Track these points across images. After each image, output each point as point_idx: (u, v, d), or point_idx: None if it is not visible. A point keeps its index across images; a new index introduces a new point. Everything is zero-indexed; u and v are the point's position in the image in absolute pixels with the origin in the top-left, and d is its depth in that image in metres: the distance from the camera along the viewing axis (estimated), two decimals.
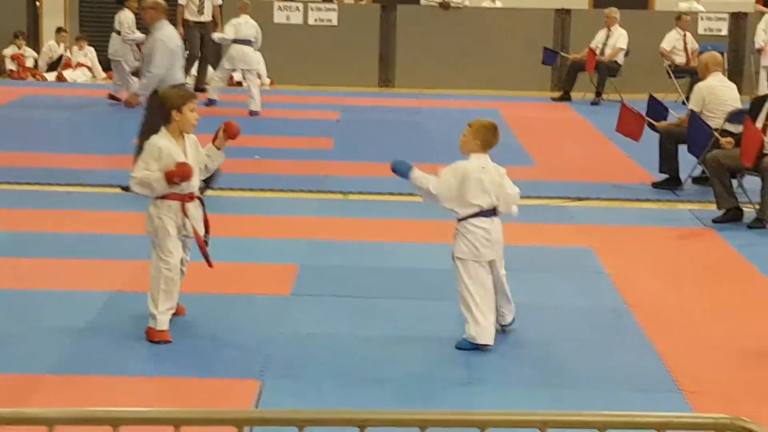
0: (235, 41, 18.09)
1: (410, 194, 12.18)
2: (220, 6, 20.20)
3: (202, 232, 7.47)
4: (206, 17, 19.92)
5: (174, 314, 7.50)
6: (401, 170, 7.38)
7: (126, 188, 11.60)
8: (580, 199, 12.34)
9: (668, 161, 12.86)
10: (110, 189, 12.26)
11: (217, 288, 8.50)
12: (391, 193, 12.20)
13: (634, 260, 9.78)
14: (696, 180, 13.03)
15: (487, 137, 7.40)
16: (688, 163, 12.79)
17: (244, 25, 18.16)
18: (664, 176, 12.98)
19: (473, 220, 7.30)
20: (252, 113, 17.56)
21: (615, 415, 2.98)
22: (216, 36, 18.81)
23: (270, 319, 7.94)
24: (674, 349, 7.49)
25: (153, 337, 7.32)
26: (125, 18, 19.30)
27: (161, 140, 7.33)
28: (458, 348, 7.32)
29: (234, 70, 19.24)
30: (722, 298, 8.79)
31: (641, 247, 10.30)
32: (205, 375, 6.88)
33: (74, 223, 10.61)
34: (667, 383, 6.87)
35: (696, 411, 6.35)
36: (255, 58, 18.35)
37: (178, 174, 7.19)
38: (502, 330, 7.58)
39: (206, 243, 7.48)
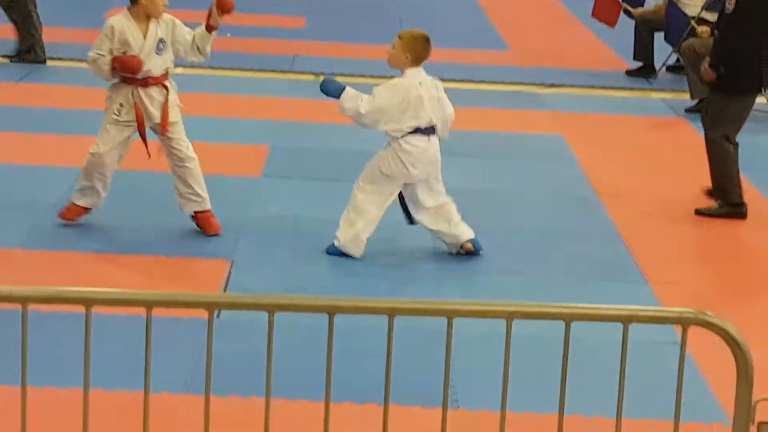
0: None
1: (382, 76, 12.15)
2: None
3: (157, 119, 7.21)
4: None
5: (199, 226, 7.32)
6: (331, 90, 6.87)
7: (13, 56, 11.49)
8: (553, 85, 12.32)
9: (643, 49, 12.82)
10: (82, 63, 12.10)
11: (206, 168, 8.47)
12: (363, 75, 12.14)
13: (605, 148, 9.82)
14: (670, 68, 13.02)
15: (418, 50, 6.87)
16: (663, 52, 12.76)
17: None
18: (638, 64, 12.96)
19: (410, 138, 6.87)
20: None
21: (581, 307, 3.03)
22: None
23: (240, 200, 7.95)
24: (642, 240, 7.56)
25: (64, 213, 7.26)
26: None
27: (118, 21, 7.09)
28: (328, 252, 7.00)
29: None
30: (693, 188, 8.83)
31: (613, 135, 10.33)
32: (175, 254, 6.91)
33: (44, 98, 10.53)
34: (634, 274, 6.95)
35: (662, 302, 6.43)
36: None
37: (120, 64, 7.00)
38: (460, 251, 7.10)
39: (163, 131, 7.21)
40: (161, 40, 7.12)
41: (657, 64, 12.81)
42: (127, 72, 7.03)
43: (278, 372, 3.25)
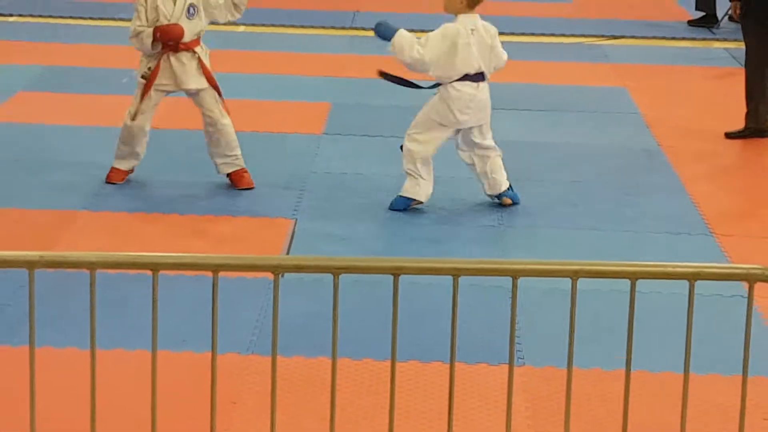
0: None
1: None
2: None
3: (192, 85, 7.19)
4: None
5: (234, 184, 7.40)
6: (385, 33, 6.83)
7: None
8: (615, 37, 12.19)
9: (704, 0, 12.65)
10: (121, 23, 12.15)
11: (249, 126, 8.50)
12: (423, 30, 12.06)
13: (669, 100, 9.72)
14: (733, 18, 12.81)
15: None
16: (725, 0, 12.58)
17: None
18: (700, 14, 12.78)
19: (458, 85, 6.85)
20: None
21: (646, 265, 3.00)
22: None
23: (302, 158, 7.97)
24: (707, 192, 7.48)
25: (108, 177, 7.35)
26: None
27: None
28: (392, 209, 7.02)
29: None
30: (760, 142, 8.71)
31: (676, 86, 10.22)
32: (239, 213, 6.94)
33: (105, 59, 10.58)
34: (699, 226, 6.88)
35: (730, 255, 6.37)
36: None
37: (162, 33, 7.01)
38: (499, 201, 7.16)
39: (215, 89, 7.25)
40: (192, 5, 7.11)
41: (719, 14, 12.62)
42: (169, 40, 7.05)
43: (344, 332, 3.26)
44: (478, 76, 6.91)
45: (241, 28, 12.13)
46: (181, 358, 4.98)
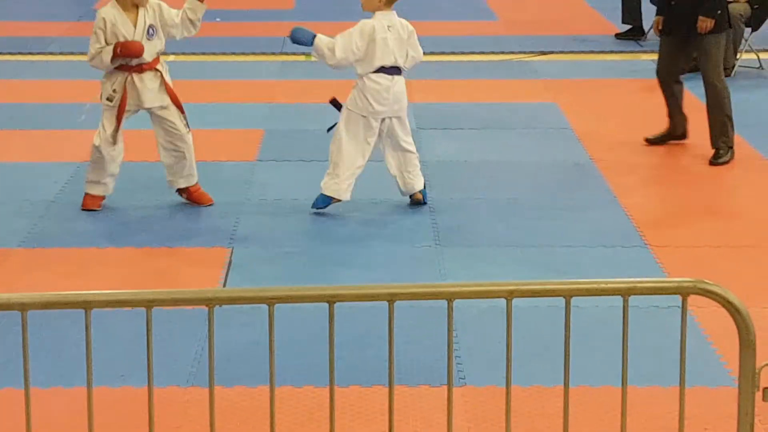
0: None
1: None
2: None
3: (156, 103, 7.31)
4: None
5: (193, 200, 7.53)
6: (302, 38, 7.26)
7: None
8: (543, 53, 12.29)
9: (631, 11, 12.78)
10: (71, 57, 12.12)
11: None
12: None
13: (599, 114, 9.80)
14: None
15: None
16: (651, 13, 12.70)
17: None
18: (627, 27, 12.93)
19: (373, 76, 7.19)
20: None
21: (580, 282, 3.02)
22: None
23: (237, 185, 7.95)
24: (640, 204, 7.55)
25: (83, 204, 7.39)
26: None
27: (108, 12, 7.18)
28: (315, 207, 7.32)
29: None
30: (687, 151, 8.83)
31: (606, 100, 10.32)
32: (175, 244, 6.90)
33: (37, 93, 10.51)
34: (633, 238, 6.93)
35: (664, 267, 6.43)
36: None
37: (122, 50, 7.08)
38: (410, 199, 7.49)
39: (179, 108, 7.40)
40: (150, 26, 7.20)
41: (646, 26, 12.77)
42: (130, 56, 7.13)
43: (284, 360, 3.26)
44: (394, 69, 7.24)
45: (171, 57, 12.09)
46: (121, 393, 4.93)
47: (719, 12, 8.53)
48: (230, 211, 7.42)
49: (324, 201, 7.33)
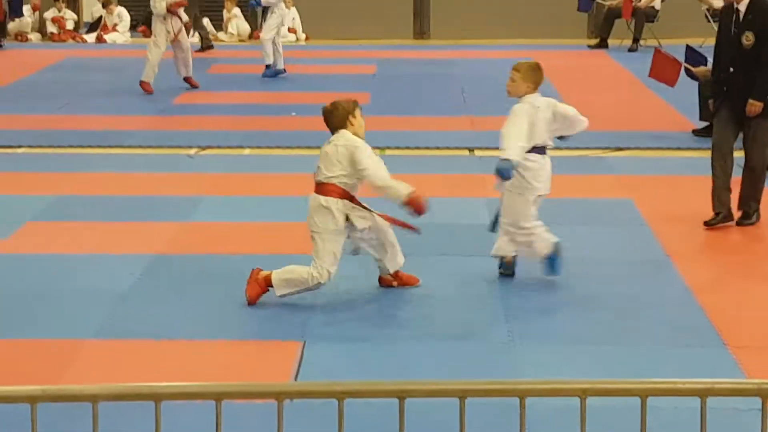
0: None
1: (447, 148, 12.16)
2: None
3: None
4: None
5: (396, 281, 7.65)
6: (507, 170, 7.45)
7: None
8: (619, 149, 12.25)
9: (708, 108, 12.70)
10: (150, 150, 12.30)
11: (256, 248, 8.51)
12: (428, 147, 12.18)
13: (676, 211, 9.70)
14: None
15: (537, 77, 7.81)
16: None
17: None
18: (705, 123, 12.84)
19: (529, 156, 7.59)
20: (279, 71, 17.20)
21: (656, 382, 2.96)
22: None
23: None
24: (719, 303, 7.43)
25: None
26: None
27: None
28: (549, 273, 7.74)
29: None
30: (766, 250, 8.71)
31: (682, 197, 10.21)
32: (248, 337, 6.91)
33: (115, 186, 10.64)
34: (712, 338, 6.81)
35: (743, 367, 6.30)
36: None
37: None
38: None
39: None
40: None
41: None
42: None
43: None
44: (542, 149, 7.72)
45: (246, 151, 12.23)
46: None
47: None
48: (302, 304, 7.40)
49: (555, 259, 7.75)
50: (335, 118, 7.51)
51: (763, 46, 8.94)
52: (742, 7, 9.08)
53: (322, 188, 7.34)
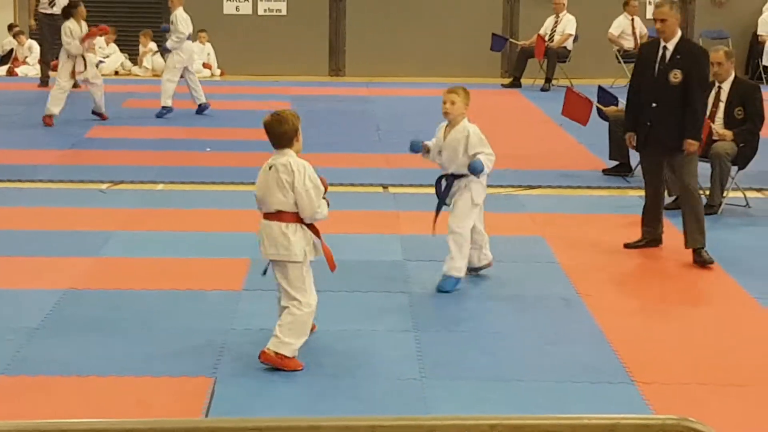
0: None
1: (362, 185, 12.21)
2: None
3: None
4: (59, 9, 19.40)
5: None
6: (480, 168, 8.32)
7: None
8: (531, 187, 12.39)
9: (618, 147, 12.90)
10: (61, 184, 12.19)
11: (168, 284, 8.47)
12: (341, 184, 12.20)
13: (587, 248, 9.83)
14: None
15: (469, 101, 8.51)
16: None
17: (188, 20, 16.82)
18: (614, 163, 13.05)
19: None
20: (203, 106, 17.15)
21: (564, 418, 2.99)
22: (170, 41, 16.81)
23: (222, 315, 7.92)
24: (627, 340, 7.54)
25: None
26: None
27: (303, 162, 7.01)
28: (442, 290, 8.32)
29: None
30: (674, 287, 8.86)
31: (593, 235, 10.35)
32: (159, 373, 6.85)
33: (26, 220, 10.53)
34: (620, 375, 6.91)
35: (650, 403, 6.40)
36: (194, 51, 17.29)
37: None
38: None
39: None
40: None
41: (633, 162, 12.88)
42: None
43: None
44: None
45: (159, 186, 12.17)
46: None
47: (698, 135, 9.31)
48: (214, 341, 7.37)
49: (452, 282, 8.38)
50: (284, 134, 6.92)
51: (689, 86, 9.25)
52: (671, 45, 9.38)
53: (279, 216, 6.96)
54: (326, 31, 22.69)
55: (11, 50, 22.44)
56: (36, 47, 22.16)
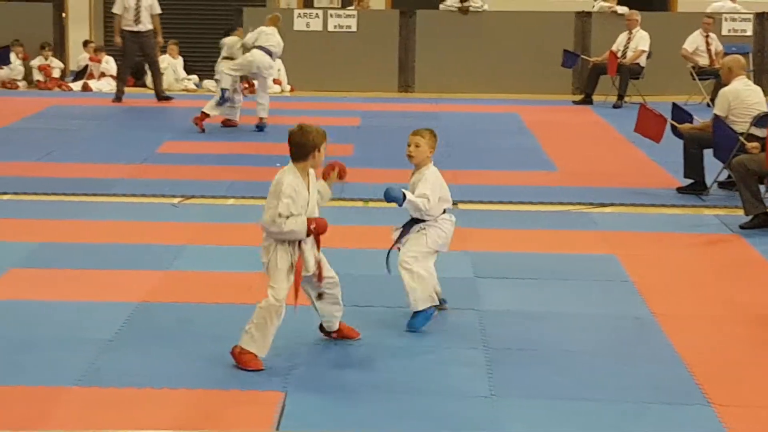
0: (255, 47, 17.10)
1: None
2: (159, 15, 20.02)
3: (312, 268, 7.27)
4: (144, 26, 19.75)
5: (339, 335, 7.64)
6: (395, 198, 7.81)
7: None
8: (603, 205, 12.27)
9: (693, 166, 12.77)
10: (134, 198, 12.29)
11: (238, 298, 8.48)
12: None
13: (660, 267, 9.72)
14: (722, 185, 12.93)
15: (435, 144, 8.12)
16: (713, 167, 12.70)
17: (270, 35, 17.15)
18: (689, 181, 12.90)
19: (444, 216, 7.99)
20: (261, 121, 17.17)
21: None
22: (245, 39, 17.38)
23: (292, 329, 7.90)
24: (703, 360, 7.41)
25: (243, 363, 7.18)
26: None
27: (293, 179, 7.06)
28: (411, 328, 7.87)
29: (242, 76, 17.52)
30: (751, 306, 8.71)
31: (667, 253, 10.23)
32: (229, 387, 6.86)
33: (99, 234, 10.62)
34: (695, 396, 6.78)
35: (727, 426, 6.28)
36: (267, 65, 17.26)
37: (318, 227, 7.08)
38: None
39: (320, 278, 7.35)
40: (317, 191, 7.30)
41: (708, 181, 12.74)
42: (323, 233, 7.15)
43: None
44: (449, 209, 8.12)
45: (230, 201, 12.23)
46: None
47: None
48: (284, 355, 7.37)
49: (423, 318, 7.89)
50: (302, 146, 7.09)
51: None
52: None
53: None
54: (395, 47, 22.69)
55: (86, 66, 22.72)
56: (113, 63, 22.45)
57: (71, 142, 15.97)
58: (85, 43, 23.17)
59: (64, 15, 23.67)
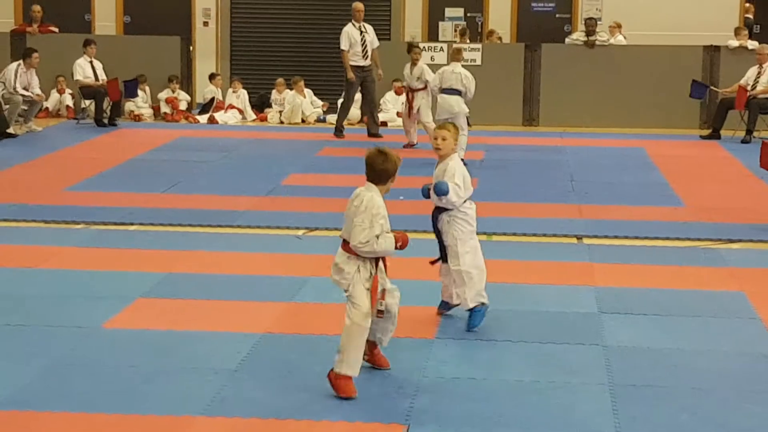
0: (443, 90, 17.42)
1: (555, 235, 12.10)
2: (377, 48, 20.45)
3: (387, 284, 7.53)
4: (368, 61, 20.16)
5: (371, 359, 7.72)
6: (444, 189, 8.47)
7: None
8: (731, 241, 12.06)
9: None
10: (258, 230, 12.43)
11: None
12: (534, 234, 12.12)
13: None
14: None
15: (458, 136, 8.79)
16: None
17: (449, 73, 17.36)
18: None
19: (467, 204, 8.62)
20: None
21: None
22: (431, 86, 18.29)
23: (414, 362, 7.91)
24: None
25: (339, 389, 7.30)
26: None
27: (379, 198, 7.40)
28: (472, 327, 8.52)
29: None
30: None
31: None
32: (353, 419, 6.88)
33: (224, 265, 10.75)
34: None
35: None
36: (456, 108, 17.32)
37: (402, 242, 7.41)
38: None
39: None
40: None
41: None
42: (403, 248, 7.45)
43: None
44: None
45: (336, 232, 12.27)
46: None
47: None
48: (406, 388, 7.37)
49: (481, 313, 8.54)
50: (384, 171, 7.40)
51: None
52: None
53: None
54: (520, 80, 22.63)
55: (212, 98, 23.11)
56: (244, 95, 22.87)
57: (197, 173, 16.23)
58: (212, 76, 23.57)
59: (191, 48, 24.11)
